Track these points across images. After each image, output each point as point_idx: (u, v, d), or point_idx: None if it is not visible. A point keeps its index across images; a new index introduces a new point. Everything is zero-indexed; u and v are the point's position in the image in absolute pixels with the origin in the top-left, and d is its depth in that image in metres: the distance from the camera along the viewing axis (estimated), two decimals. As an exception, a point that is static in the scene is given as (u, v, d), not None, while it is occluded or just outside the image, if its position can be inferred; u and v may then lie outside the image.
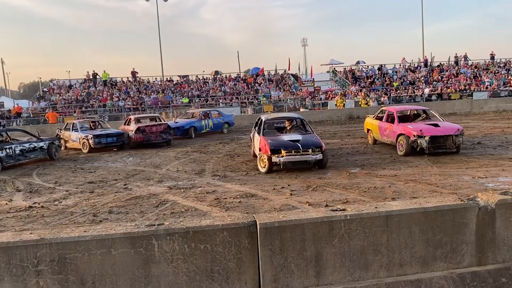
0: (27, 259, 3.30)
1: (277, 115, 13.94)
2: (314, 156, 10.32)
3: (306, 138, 10.87)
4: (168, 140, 17.44)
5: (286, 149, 10.32)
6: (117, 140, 16.86)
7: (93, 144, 16.15)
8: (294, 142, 10.53)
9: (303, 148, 10.35)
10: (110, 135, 16.84)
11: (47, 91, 33.52)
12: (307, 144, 10.51)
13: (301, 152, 10.31)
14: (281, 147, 10.38)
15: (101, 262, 3.34)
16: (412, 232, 3.72)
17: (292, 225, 3.57)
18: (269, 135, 11.30)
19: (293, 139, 10.78)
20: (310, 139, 10.81)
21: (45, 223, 7.22)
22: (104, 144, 16.46)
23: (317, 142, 10.65)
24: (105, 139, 16.58)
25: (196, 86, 34.51)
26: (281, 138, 10.93)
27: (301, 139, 10.73)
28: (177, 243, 3.40)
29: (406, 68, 35.98)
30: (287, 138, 10.93)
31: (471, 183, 8.42)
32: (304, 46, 78.03)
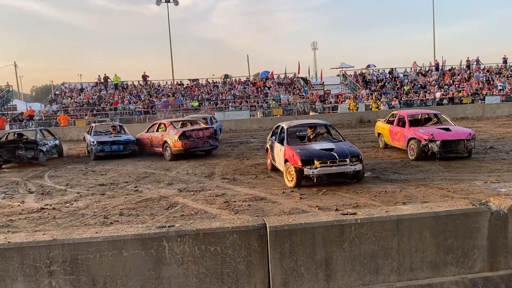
0: (40, 260, 3.34)
1: (300, 122, 12.39)
2: (353, 167, 8.93)
3: (341, 146, 9.41)
4: (215, 147, 14.94)
5: (320, 159, 8.93)
6: (124, 149, 15.19)
7: (96, 151, 14.92)
8: (328, 151, 9.14)
9: (340, 158, 8.93)
10: (117, 142, 15.22)
11: (59, 94, 33.93)
12: (343, 153, 9.08)
13: (337, 162, 8.91)
14: (314, 157, 8.97)
15: (112, 263, 3.38)
16: (423, 237, 3.70)
17: (302, 229, 3.58)
18: (295, 144, 10.03)
19: (325, 147, 9.36)
20: (345, 147, 9.38)
21: (56, 224, 7.30)
22: (109, 152, 14.97)
23: (354, 151, 9.23)
24: (109, 146, 15.02)
25: (206, 89, 34.67)
26: (312, 147, 9.50)
27: (335, 148, 9.28)
28: (188, 245, 3.43)
29: (417, 72, 35.76)
30: (318, 146, 9.50)
31: (483, 188, 8.33)
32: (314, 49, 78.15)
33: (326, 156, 8.98)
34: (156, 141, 14.83)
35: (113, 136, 15.83)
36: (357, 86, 34.21)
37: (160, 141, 14.52)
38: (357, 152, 9.21)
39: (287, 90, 33.82)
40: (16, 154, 14.52)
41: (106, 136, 16.00)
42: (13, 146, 14.58)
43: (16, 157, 14.52)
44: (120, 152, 15.13)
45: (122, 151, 15.17)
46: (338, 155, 8.96)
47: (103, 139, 15.38)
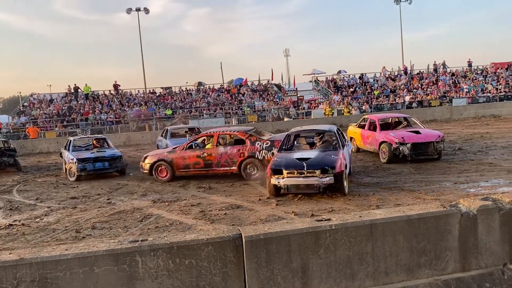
0: (6, 280, 3.21)
1: (305, 128, 11.71)
2: (322, 180, 8.20)
3: (320, 156, 8.81)
4: None
5: (287, 169, 8.43)
6: (110, 166, 12.90)
7: (77, 170, 12.57)
8: (302, 160, 8.57)
9: (308, 169, 8.31)
10: (100, 158, 12.89)
11: (28, 105, 32.99)
12: (313, 163, 8.42)
13: (305, 173, 8.34)
14: (282, 167, 8.53)
15: (83, 280, 3.27)
16: (397, 240, 3.75)
17: (278, 237, 3.56)
18: (286, 151, 9.61)
19: (304, 156, 8.82)
20: (323, 157, 8.75)
21: (26, 241, 7.05)
22: (92, 171, 12.73)
23: (329, 161, 8.49)
24: (91, 164, 12.73)
25: (180, 97, 34.40)
26: (290, 156, 9.07)
27: (313, 157, 8.71)
28: (162, 258, 3.36)
29: (386, 76, 36.51)
30: (298, 155, 9.01)
31: (453, 189, 8.54)
32: (286, 56, 78.61)
33: (295, 166, 8.47)
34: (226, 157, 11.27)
35: (96, 151, 13.51)
36: (329, 91, 34.65)
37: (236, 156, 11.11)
38: (332, 162, 8.45)
39: (261, 97, 33.93)
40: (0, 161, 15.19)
41: (87, 151, 13.76)
42: None
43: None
44: (105, 171, 12.89)
45: (108, 168, 12.89)
46: (307, 166, 8.36)
47: (84, 155, 13.08)
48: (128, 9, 39.29)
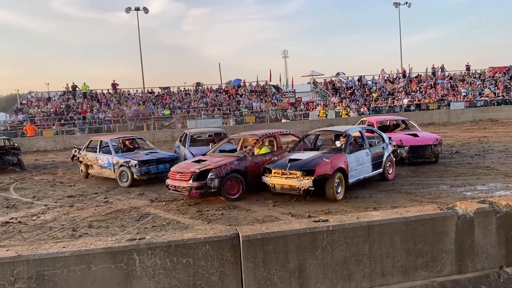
0: (3, 277, 3.20)
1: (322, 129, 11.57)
2: (300, 182, 8.07)
3: (311, 158, 8.60)
4: None
5: (274, 168, 8.53)
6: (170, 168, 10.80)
7: (139, 174, 11.07)
8: (290, 161, 8.55)
9: (290, 169, 8.27)
10: (162, 160, 11.59)
11: (25, 103, 32.92)
12: (298, 164, 8.35)
13: (287, 173, 8.32)
14: (272, 166, 8.64)
15: (81, 278, 3.27)
16: (394, 242, 3.76)
17: (275, 237, 3.57)
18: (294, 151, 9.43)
19: (297, 157, 8.73)
20: (312, 159, 8.52)
21: (22, 239, 7.04)
22: (154, 175, 11.27)
23: (312, 164, 8.26)
24: (155, 167, 11.32)
25: (178, 97, 34.40)
26: (289, 156, 8.95)
27: (304, 158, 8.60)
28: (159, 257, 3.36)
29: (385, 79, 36.60)
30: (297, 156, 8.89)
31: (449, 192, 8.56)
32: (284, 57, 78.59)
33: (280, 166, 8.48)
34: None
35: (150, 153, 12.11)
36: (327, 93, 34.71)
37: None
38: (312, 165, 8.19)
39: (259, 98, 33.97)
40: (4, 159, 15.05)
41: (139, 153, 12.11)
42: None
43: (2, 162, 15.03)
44: (166, 173, 10.65)
45: (168, 171, 10.72)
46: (290, 167, 8.31)
47: (143, 157, 11.58)
48: (127, 8, 39.28)
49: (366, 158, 9.35)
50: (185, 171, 8.79)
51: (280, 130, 11.90)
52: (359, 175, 9.05)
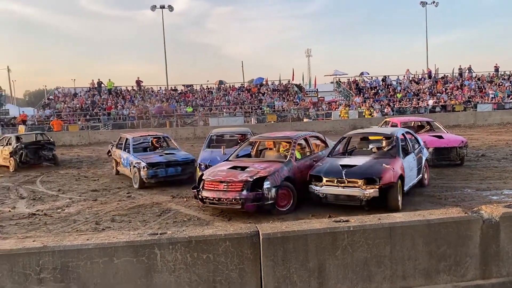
0: (29, 267, 3.30)
1: (364, 131, 10.77)
2: (365, 192, 7.12)
3: (368, 164, 7.70)
4: None
5: (327, 176, 7.52)
6: (183, 171, 10.77)
7: (146, 177, 10.36)
8: (345, 168, 7.56)
9: (349, 177, 7.30)
10: (174, 163, 10.75)
11: (52, 99, 33.75)
12: (357, 171, 7.42)
13: (345, 182, 7.33)
14: (322, 173, 7.62)
15: (103, 270, 3.34)
16: (416, 244, 3.71)
17: (295, 236, 3.57)
18: (336, 156, 8.57)
19: (351, 163, 7.80)
20: (371, 165, 7.62)
21: (47, 230, 7.23)
22: (163, 178, 10.54)
23: (375, 170, 7.35)
24: (163, 170, 10.53)
25: (200, 95, 34.67)
26: (337, 162, 7.96)
27: (360, 164, 7.67)
28: (180, 252, 3.40)
29: (410, 79, 36.03)
30: (346, 161, 7.95)
31: (474, 196, 8.37)
32: (308, 56, 78.20)
33: (335, 173, 7.48)
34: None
35: (165, 153, 11.29)
36: (350, 93, 34.39)
37: None
38: (377, 172, 7.28)
39: (281, 97, 33.91)
40: (40, 154, 15.04)
41: (155, 154, 11.32)
42: (35, 147, 15.01)
43: (38, 157, 14.92)
44: (177, 177, 10.72)
45: (180, 174, 10.75)
46: (348, 174, 7.34)
47: (154, 159, 10.79)
48: (153, 6, 39.75)
49: (413, 163, 8.56)
50: (233, 180, 7.41)
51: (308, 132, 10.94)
52: (410, 181, 8.21)
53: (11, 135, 16.23)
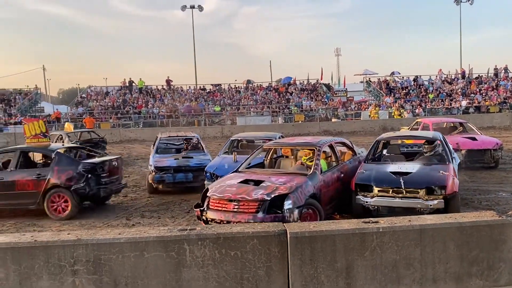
0: (64, 259, 3.42)
1: (400, 134, 9.68)
2: (428, 203, 6.23)
3: (425, 171, 6.79)
4: None
5: (379, 185, 6.56)
6: (195, 179, 9.63)
7: (154, 181, 9.68)
8: (399, 175, 6.57)
9: (407, 186, 6.35)
10: (184, 169, 9.77)
11: (85, 97, 34.67)
12: (417, 180, 6.47)
13: (403, 192, 6.37)
14: (372, 181, 6.63)
15: (134, 264, 3.43)
16: (447, 247, 3.63)
17: (323, 236, 3.56)
18: (375, 162, 7.67)
19: (403, 170, 6.79)
20: (428, 172, 6.74)
21: (80, 225, 7.45)
22: (171, 184, 9.73)
23: (437, 178, 6.48)
24: (171, 175, 9.63)
25: (228, 94, 34.88)
26: (384, 168, 7.01)
27: (414, 171, 6.69)
28: (208, 248, 3.45)
29: (442, 79, 35.15)
30: (395, 167, 6.96)
31: (509, 199, 8.11)
32: (337, 55, 77.40)
33: (390, 182, 6.51)
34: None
35: (181, 157, 10.35)
36: (380, 93, 33.85)
37: None
38: (442, 181, 6.40)
39: (309, 96, 33.72)
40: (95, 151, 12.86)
41: (172, 157, 10.46)
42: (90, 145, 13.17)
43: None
44: (187, 184, 9.78)
45: (191, 182, 9.74)
46: (407, 182, 6.38)
47: (165, 162, 9.99)
48: (183, 6, 40.28)
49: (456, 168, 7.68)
50: (246, 198, 5.91)
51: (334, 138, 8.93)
52: None
53: (61, 132, 15.54)
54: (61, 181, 7.89)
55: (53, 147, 8.83)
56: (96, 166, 8.24)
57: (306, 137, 8.52)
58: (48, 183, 7.87)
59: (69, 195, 7.84)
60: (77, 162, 8.36)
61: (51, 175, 7.91)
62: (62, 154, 8.46)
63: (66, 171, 7.96)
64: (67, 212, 7.84)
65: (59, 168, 8.01)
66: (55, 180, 7.88)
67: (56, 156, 8.18)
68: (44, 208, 7.87)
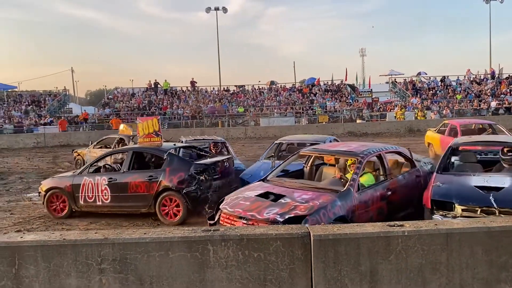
0: (92, 257, 3.50)
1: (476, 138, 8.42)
2: None
3: None
4: None
5: (464, 203, 5.43)
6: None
7: None
8: (487, 191, 5.45)
9: (501, 206, 5.20)
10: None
11: (112, 98, 35.41)
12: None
13: (496, 213, 5.20)
14: (454, 198, 5.52)
15: (159, 264, 3.48)
16: (474, 252, 3.55)
17: (347, 239, 3.53)
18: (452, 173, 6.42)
19: (491, 184, 5.62)
20: None
21: (107, 224, 7.60)
22: None
23: None
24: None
25: (252, 96, 34.98)
26: (467, 181, 5.86)
27: (508, 187, 5.51)
28: (232, 249, 3.47)
29: (471, 80, 34.32)
30: (479, 181, 5.78)
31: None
32: (362, 56, 76.74)
33: (477, 200, 5.40)
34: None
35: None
36: (406, 94, 33.30)
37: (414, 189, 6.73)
38: None
39: (334, 97, 33.48)
40: None
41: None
42: None
43: None
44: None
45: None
46: (499, 200, 5.25)
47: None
48: (208, 8, 40.70)
49: None
50: (256, 216, 5.28)
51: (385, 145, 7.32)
52: None
53: (123, 136, 13.58)
54: (173, 184, 7.47)
55: (165, 147, 8.33)
56: (208, 168, 7.71)
57: (352, 143, 7.31)
58: (160, 185, 7.51)
59: (180, 199, 7.41)
60: (189, 163, 7.84)
61: (163, 177, 7.54)
62: (174, 155, 8.05)
63: (178, 173, 7.52)
64: (179, 217, 7.45)
65: (171, 169, 7.60)
66: (166, 183, 7.49)
67: (168, 156, 7.80)
68: (156, 211, 7.56)
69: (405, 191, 6.37)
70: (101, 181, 7.86)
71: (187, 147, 9.32)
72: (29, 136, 25.55)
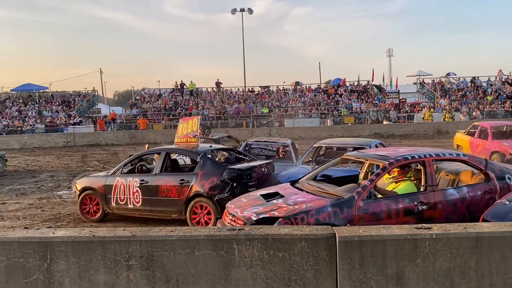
0: (120, 254, 3.58)
1: None
2: None
3: None
4: None
5: None
6: None
7: None
8: None
9: None
10: None
11: (139, 99, 36.03)
12: None
13: None
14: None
15: (185, 261, 3.53)
16: (505, 257, 3.45)
17: (373, 240, 3.49)
18: None
19: None
20: None
21: (134, 221, 7.74)
22: None
23: None
24: None
25: (277, 96, 34.95)
26: None
27: None
28: (256, 249, 3.48)
29: (502, 80, 33.32)
30: None
31: None
32: (389, 56, 75.45)
33: None
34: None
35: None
36: (435, 95, 32.62)
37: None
38: None
39: (360, 98, 33.09)
40: None
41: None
42: None
43: None
44: None
45: None
46: None
47: None
48: (233, 10, 40.88)
49: None
50: (238, 214, 5.28)
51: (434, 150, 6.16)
52: None
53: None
54: (204, 189, 6.91)
55: (200, 149, 7.71)
56: (243, 173, 7.04)
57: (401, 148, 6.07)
58: (191, 190, 7.01)
59: (212, 206, 6.83)
60: (222, 167, 7.25)
61: (194, 181, 7.02)
62: (208, 158, 7.44)
63: (210, 178, 6.94)
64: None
65: (203, 173, 7.04)
66: (198, 188, 6.96)
67: (201, 159, 7.24)
68: (187, 219, 7.07)
69: (454, 208, 5.37)
70: (133, 182, 7.51)
71: (225, 150, 8.62)
72: (59, 135, 26.31)
